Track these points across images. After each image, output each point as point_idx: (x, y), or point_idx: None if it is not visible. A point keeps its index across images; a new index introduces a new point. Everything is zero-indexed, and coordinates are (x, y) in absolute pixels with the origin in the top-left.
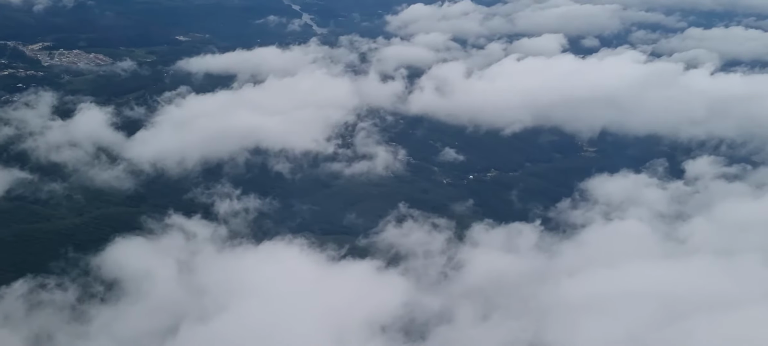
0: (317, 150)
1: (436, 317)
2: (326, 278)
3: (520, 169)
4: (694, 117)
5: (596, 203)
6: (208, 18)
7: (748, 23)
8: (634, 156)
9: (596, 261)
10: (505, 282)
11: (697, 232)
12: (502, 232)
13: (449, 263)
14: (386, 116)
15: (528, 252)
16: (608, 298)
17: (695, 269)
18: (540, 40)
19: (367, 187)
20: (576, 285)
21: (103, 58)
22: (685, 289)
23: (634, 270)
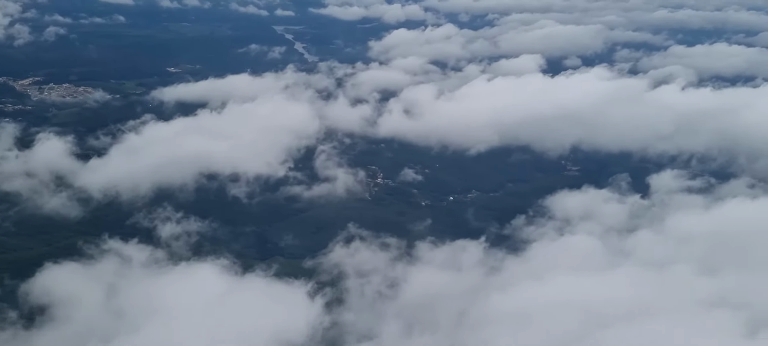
0: (273, 174)
1: (355, 334)
2: (243, 298)
3: (482, 189)
4: (663, 132)
5: (551, 219)
6: (199, 49)
7: (737, 40)
8: (601, 172)
9: (535, 275)
10: (438, 298)
11: (641, 245)
12: (448, 250)
13: (386, 282)
14: (349, 139)
15: (470, 268)
16: (534, 310)
17: (622, 281)
18: (518, 60)
19: (322, 209)
20: (505, 299)
21: (91, 91)
22: (609, 300)
23: (563, 283)
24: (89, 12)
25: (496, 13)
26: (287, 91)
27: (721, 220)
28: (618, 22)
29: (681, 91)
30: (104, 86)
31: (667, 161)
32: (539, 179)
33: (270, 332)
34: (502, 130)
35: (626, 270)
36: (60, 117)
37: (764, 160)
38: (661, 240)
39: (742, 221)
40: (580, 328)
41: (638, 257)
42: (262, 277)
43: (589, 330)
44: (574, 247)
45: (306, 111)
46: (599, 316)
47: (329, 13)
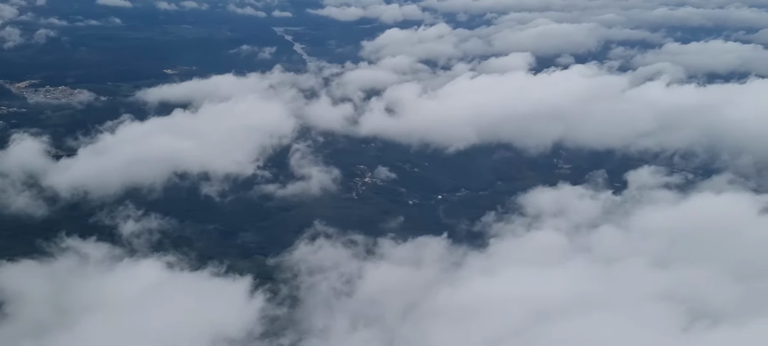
0: (247, 173)
1: (302, 329)
2: (182, 294)
3: (472, 187)
4: (645, 129)
5: (522, 216)
6: (197, 50)
7: (737, 37)
8: (594, 169)
9: (490, 270)
10: (391, 293)
11: (602, 240)
12: (411, 246)
13: (343, 278)
14: (328, 138)
15: (429, 264)
16: (481, 304)
17: (573, 275)
18: (508, 59)
19: (295, 207)
20: (454, 293)
21: (87, 93)
22: (555, 294)
23: (514, 277)
24: (86, 14)
25: (494, 13)
26: (270, 91)
27: (684, 215)
28: (616, 20)
29: (666, 88)
30: (100, 89)
31: (651, 158)
32: (530, 176)
33: (202, 327)
34: (484, 127)
35: (578, 265)
36: (53, 119)
37: (747, 156)
38: (623, 235)
39: (704, 215)
40: (521, 321)
41: (598, 252)
42: (212, 273)
43: (530, 324)
44: (538, 242)
45: (282, 110)
46: (543, 309)
47: (327, 14)
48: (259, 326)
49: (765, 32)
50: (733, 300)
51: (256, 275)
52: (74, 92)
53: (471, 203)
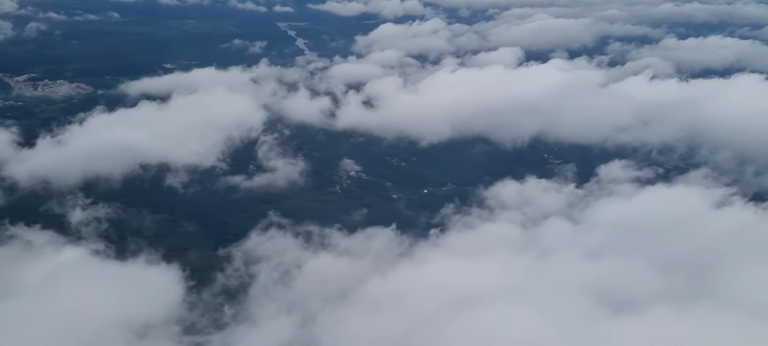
0: (211, 164)
1: (221, 316)
2: (102, 280)
3: (458, 182)
4: (623, 123)
5: (483, 208)
6: (198, 45)
7: (742, 33)
8: (584, 164)
9: (427, 261)
10: (327, 283)
11: (550, 232)
12: (361, 237)
13: (285, 268)
14: (299, 130)
15: (373, 255)
16: (406, 293)
17: (502, 266)
18: (497, 53)
19: (258, 199)
20: (384, 283)
21: (85, 87)
22: (479, 284)
23: (444, 267)
24: (86, 9)
25: (496, 9)
26: (250, 84)
27: (633, 208)
28: (618, 16)
29: (648, 83)
30: (98, 82)
31: (629, 153)
32: (520, 171)
33: (111, 313)
34: (462, 121)
35: (512, 256)
36: (48, 111)
37: (725, 151)
38: (570, 228)
39: (652, 209)
40: (437, 310)
41: (542, 244)
42: (148, 262)
43: (445, 312)
44: (488, 234)
45: (251, 103)
46: (462, 299)
47: (328, 9)
48: (180, 313)
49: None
50: (652, 291)
51: (195, 264)
52: (72, 86)
53: (453, 196)
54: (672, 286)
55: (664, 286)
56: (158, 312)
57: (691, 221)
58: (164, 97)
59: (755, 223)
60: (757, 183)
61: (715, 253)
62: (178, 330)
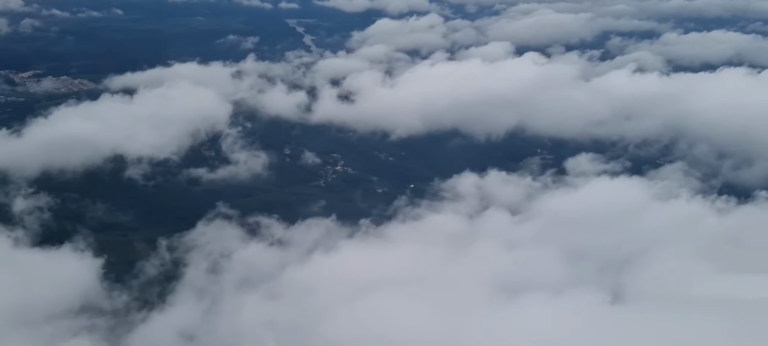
0: (174, 157)
1: (131, 304)
2: (19, 270)
3: (446, 176)
4: (600, 117)
5: (436, 200)
6: (197, 42)
7: (753, 28)
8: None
9: (351, 250)
10: (253, 271)
11: (489, 223)
12: (300, 228)
13: (211, 258)
14: (271, 124)
15: (304, 245)
16: (314, 281)
17: (419, 255)
18: (487, 48)
19: (218, 190)
20: (298, 271)
21: (87, 83)
22: (388, 272)
23: (358, 256)
24: (90, 6)
25: (504, 4)
26: (229, 79)
27: (573, 200)
28: (627, 11)
29: (629, 77)
30: (101, 79)
31: (607, 146)
32: (510, 166)
33: (16, 301)
34: (435, 114)
35: (433, 245)
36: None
37: (704, 145)
38: (507, 219)
39: (590, 201)
40: (340, 297)
41: (476, 234)
42: (73, 249)
43: (344, 299)
44: (430, 225)
45: (221, 97)
46: (367, 287)
47: (333, 5)
48: (92, 300)
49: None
50: (555, 281)
51: (126, 253)
52: (75, 82)
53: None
54: (579, 276)
55: (571, 276)
56: (66, 299)
57: (628, 212)
58: (132, 92)
59: (696, 216)
60: (735, 177)
61: (641, 244)
62: (84, 317)
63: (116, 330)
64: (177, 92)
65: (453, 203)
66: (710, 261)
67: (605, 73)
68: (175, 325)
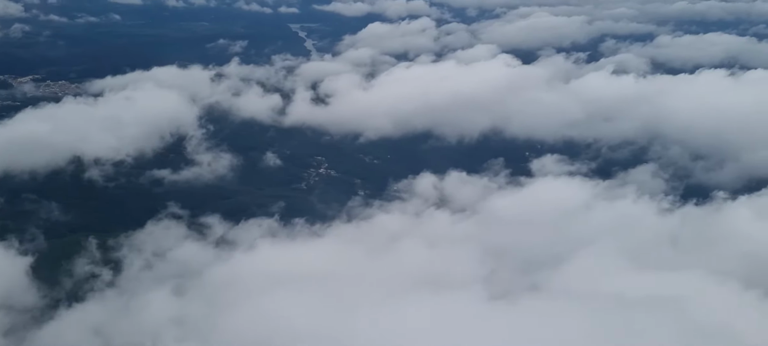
0: (137, 158)
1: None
2: None
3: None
4: (573, 119)
5: (391, 199)
6: (193, 46)
7: (756, 30)
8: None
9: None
10: (177, 269)
11: (429, 222)
12: (245, 228)
13: (144, 256)
14: (242, 126)
15: (243, 244)
16: (231, 278)
17: (342, 251)
18: (473, 51)
19: (179, 192)
20: (223, 268)
21: (68, 87)
22: (306, 268)
23: (280, 253)
24: (90, 12)
25: (504, 7)
26: (207, 82)
27: (521, 199)
28: (627, 14)
29: (606, 80)
30: (83, 82)
31: (582, 148)
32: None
33: None
34: (409, 116)
35: (360, 244)
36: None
37: (678, 147)
38: (448, 218)
39: (537, 200)
40: (250, 292)
41: (413, 233)
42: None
43: (254, 293)
44: (374, 224)
45: (189, 100)
46: (278, 282)
47: (333, 10)
48: (10, 296)
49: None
50: (463, 278)
51: (60, 251)
52: (72, 86)
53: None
54: (492, 273)
55: (483, 273)
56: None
57: (568, 212)
58: (97, 95)
59: (637, 216)
60: (708, 178)
61: (571, 243)
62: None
63: (29, 327)
64: (141, 95)
65: (407, 203)
66: (635, 259)
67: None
68: (85, 322)
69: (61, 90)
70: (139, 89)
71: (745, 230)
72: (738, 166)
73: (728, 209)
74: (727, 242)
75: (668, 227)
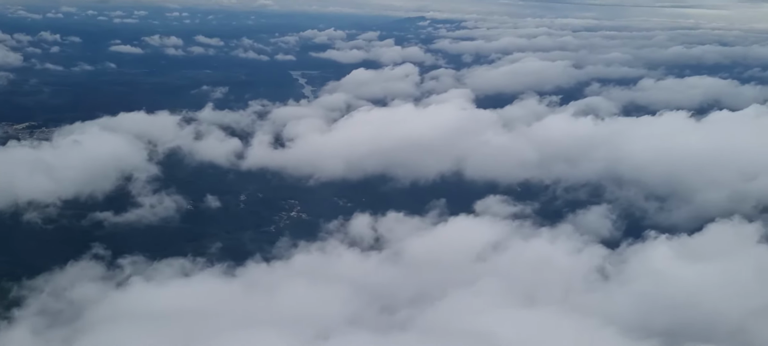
0: (78, 201)
1: None
2: None
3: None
4: (528, 161)
5: (321, 239)
6: (175, 92)
7: (751, 74)
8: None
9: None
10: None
11: (339, 263)
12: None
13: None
14: (195, 169)
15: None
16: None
17: (213, 292)
18: (446, 95)
19: (117, 234)
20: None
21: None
22: (173, 307)
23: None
24: (92, 61)
25: (499, 53)
26: (174, 127)
27: (431, 237)
28: (620, 59)
29: (566, 122)
30: (51, 127)
31: (538, 190)
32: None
33: None
34: (363, 159)
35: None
36: None
37: (632, 188)
38: (353, 258)
39: (447, 238)
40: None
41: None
42: None
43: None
44: (289, 265)
45: (143, 143)
46: (148, 319)
47: (329, 57)
48: None
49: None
50: (333, 316)
51: None
52: (37, 132)
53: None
54: (356, 312)
55: (347, 312)
56: None
57: (475, 251)
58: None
59: (546, 256)
60: (660, 219)
61: (462, 282)
62: None
63: None
64: (89, 139)
65: (327, 243)
66: (524, 299)
67: (544, 118)
68: None
69: (20, 134)
70: (86, 133)
71: (656, 269)
72: (690, 206)
73: (648, 249)
74: (630, 282)
75: (579, 266)
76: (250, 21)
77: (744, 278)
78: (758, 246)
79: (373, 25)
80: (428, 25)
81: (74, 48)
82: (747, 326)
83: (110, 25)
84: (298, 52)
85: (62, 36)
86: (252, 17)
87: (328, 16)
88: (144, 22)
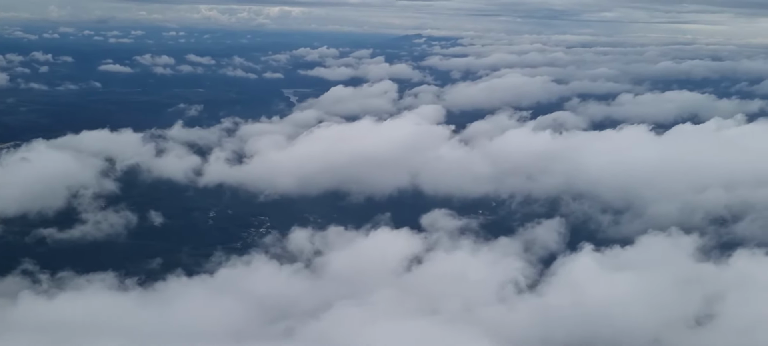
0: (25, 217)
1: None
2: None
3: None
4: (482, 175)
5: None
6: (150, 111)
7: (738, 89)
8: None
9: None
10: None
11: (256, 277)
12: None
13: None
14: (149, 185)
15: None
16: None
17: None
18: (419, 110)
19: (62, 250)
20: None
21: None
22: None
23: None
24: (80, 80)
25: (488, 70)
26: (137, 144)
27: (356, 251)
28: (606, 74)
29: (525, 136)
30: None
31: (493, 204)
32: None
33: None
34: (320, 173)
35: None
36: None
37: (587, 200)
38: (275, 271)
39: (367, 251)
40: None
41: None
42: None
43: None
44: (213, 278)
45: (96, 160)
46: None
47: (317, 74)
48: None
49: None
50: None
51: None
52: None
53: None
54: (247, 326)
55: (235, 324)
56: None
57: (387, 264)
58: None
59: (462, 269)
60: (615, 231)
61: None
62: None
63: None
64: (37, 157)
65: (256, 257)
66: (422, 310)
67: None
68: None
69: None
70: (35, 152)
71: (575, 282)
72: (642, 219)
73: (574, 262)
74: (546, 295)
75: (494, 280)
76: (244, 40)
77: (663, 290)
78: (687, 258)
79: (369, 43)
80: (424, 42)
81: (65, 68)
82: (662, 338)
83: (105, 45)
84: (287, 70)
85: (54, 56)
86: (248, 36)
87: (325, 35)
88: (139, 42)
